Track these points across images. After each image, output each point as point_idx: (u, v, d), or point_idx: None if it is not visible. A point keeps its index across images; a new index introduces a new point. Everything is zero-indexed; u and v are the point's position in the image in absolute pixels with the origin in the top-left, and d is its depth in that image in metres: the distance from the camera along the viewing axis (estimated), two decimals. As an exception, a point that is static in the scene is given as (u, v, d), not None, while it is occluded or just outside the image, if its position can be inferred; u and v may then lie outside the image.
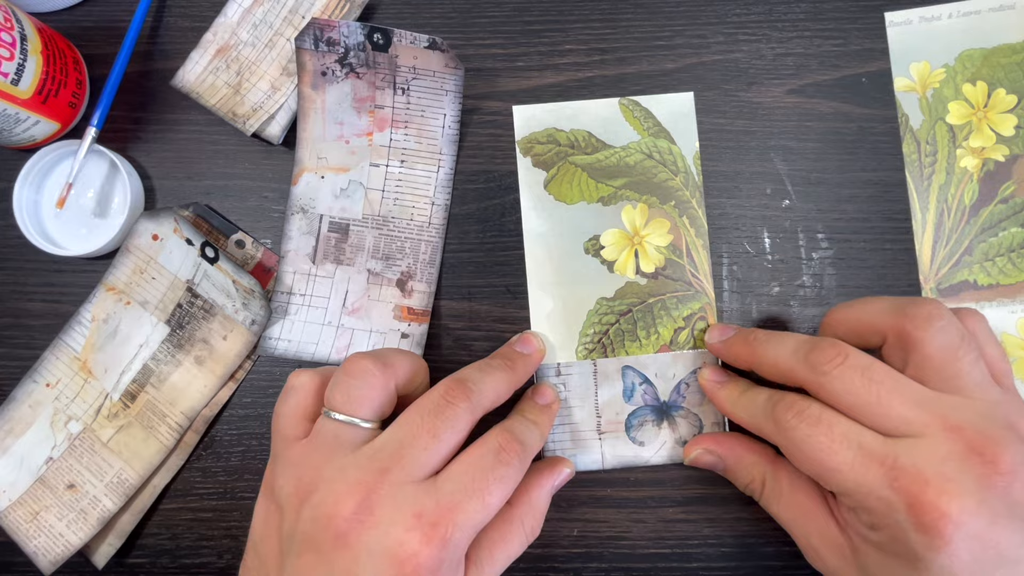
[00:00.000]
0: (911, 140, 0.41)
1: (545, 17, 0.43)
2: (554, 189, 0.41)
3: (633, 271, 0.41)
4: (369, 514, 0.27)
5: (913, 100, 0.42)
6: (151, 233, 0.40)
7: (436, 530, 0.27)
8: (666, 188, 0.41)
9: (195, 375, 0.40)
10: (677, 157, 0.41)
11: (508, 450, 0.31)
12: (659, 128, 0.42)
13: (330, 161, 0.41)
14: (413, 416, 0.30)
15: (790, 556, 0.41)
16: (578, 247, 0.41)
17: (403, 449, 0.29)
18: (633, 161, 0.41)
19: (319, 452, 0.30)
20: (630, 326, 0.41)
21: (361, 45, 0.39)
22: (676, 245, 0.41)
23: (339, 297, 0.41)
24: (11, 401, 0.40)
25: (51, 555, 0.38)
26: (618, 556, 0.41)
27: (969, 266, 0.41)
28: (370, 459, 0.29)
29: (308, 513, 0.28)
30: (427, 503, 0.28)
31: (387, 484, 0.28)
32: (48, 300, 0.42)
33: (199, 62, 0.41)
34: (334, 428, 0.31)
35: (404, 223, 0.41)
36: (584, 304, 0.41)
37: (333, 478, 0.29)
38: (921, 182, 0.41)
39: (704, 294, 0.41)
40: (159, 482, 0.40)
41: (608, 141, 0.42)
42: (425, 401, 0.31)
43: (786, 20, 0.43)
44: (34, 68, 0.38)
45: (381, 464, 0.29)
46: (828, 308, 0.42)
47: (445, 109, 0.41)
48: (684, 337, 0.41)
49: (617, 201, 0.41)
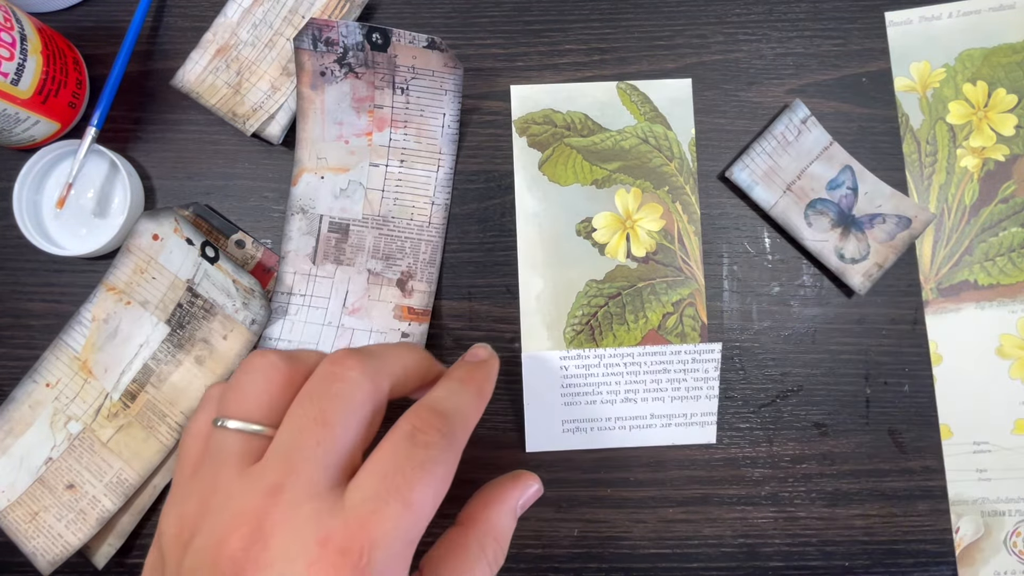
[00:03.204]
0: (911, 140, 0.41)
1: (545, 17, 0.43)
2: (549, 170, 0.42)
3: (624, 255, 0.41)
4: (263, 549, 0.21)
5: (913, 100, 0.42)
6: (151, 233, 0.40)
7: (347, 558, 0.21)
8: (660, 173, 0.41)
9: (195, 375, 0.40)
10: (672, 143, 0.42)
11: (425, 429, 0.23)
12: (656, 113, 0.42)
13: (330, 161, 0.41)
14: (296, 408, 0.24)
15: (790, 556, 0.41)
16: (570, 229, 0.41)
17: (292, 453, 0.22)
18: (628, 145, 0.41)
19: (206, 479, 0.23)
20: (619, 309, 0.41)
21: (360, 45, 0.38)
22: (668, 231, 0.41)
23: (339, 297, 0.41)
24: (11, 401, 0.40)
25: (49, 555, 0.38)
26: (618, 556, 0.40)
27: (969, 266, 0.41)
28: (259, 477, 0.22)
29: (189, 561, 0.22)
30: (332, 524, 0.21)
31: (281, 505, 0.21)
32: (48, 300, 0.42)
33: (199, 62, 0.41)
34: (226, 442, 0.24)
35: (404, 223, 0.41)
36: (574, 286, 0.41)
37: (219, 509, 0.22)
38: (921, 182, 0.41)
39: (694, 280, 0.41)
40: (159, 482, 0.40)
41: (604, 124, 0.42)
42: (308, 385, 0.24)
43: (786, 20, 0.43)
44: (34, 68, 0.38)
45: (271, 480, 0.22)
46: (828, 308, 0.42)
47: (444, 109, 0.41)
48: (672, 322, 0.41)
49: (611, 184, 0.41)
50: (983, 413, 0.41)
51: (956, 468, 0.41)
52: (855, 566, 0.41)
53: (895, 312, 0.42)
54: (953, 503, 0.41)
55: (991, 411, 0.41)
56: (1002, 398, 0.41)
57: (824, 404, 0.41)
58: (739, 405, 0.41)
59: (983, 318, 0.41)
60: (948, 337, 0.41)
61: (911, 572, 0.41)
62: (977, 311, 0.41)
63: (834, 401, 0.41)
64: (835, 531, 0.41)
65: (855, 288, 0.40)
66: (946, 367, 0.41)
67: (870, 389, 0.41)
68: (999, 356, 0.41)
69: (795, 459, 0.41)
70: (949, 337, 0.41)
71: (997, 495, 0.40)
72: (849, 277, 0.40)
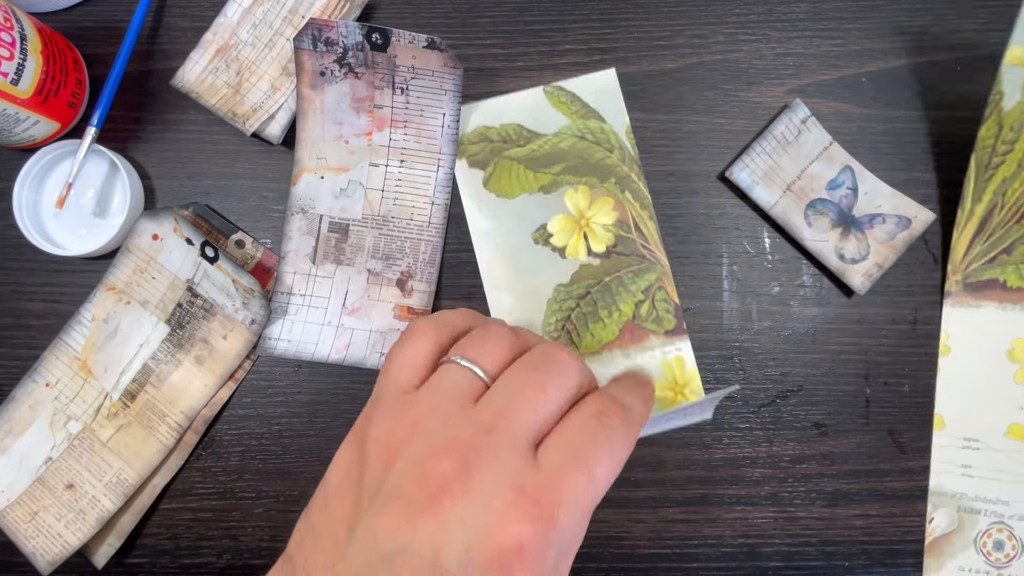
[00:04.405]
0: (994, 122, 0.39)
1: (545, 17, 0.43)
2: (494, 186, 0.42)
3: (585, 253, 0.41)
4: (468, 478, 0.24)
5: (1018, 76, 0.38)
6: (151, 233, 0.40)
7: (539, 508, 0.23)
8: (604, 167, 0.41)
9: (195, 375, 0.40)
10: (610, 134, 0.42)
11: (609, 413, 0.26)
12: (587, 109, 0.42)
13: (329, 161, 0.41)
14: (518, 371, 0.27)
15: (790, 556, 0.41)
16: (527, 239, 0.41)
17: (508, 406, 0.26)
18: (567, 146, 0.41)
19: (426, 402, 0.27)
20: (591, 308, 0.41)
21: (360, 45, 0.38)
22: (623, 221, 0.41)
23: (339, 297, 0.41)
24: (11, 401, 0.40)
25: (49, 555, 0.38)
26: (618, 556, 0.40)
27: (1004, 265, 0.41)
28: (475, 415, 0.25)
29: (399, 468, 0.25)
30: (528, 475, 0.24)
31: (491, 444, 0.24)
32: (48, 300, 0.42)
33: (199, 62, 0.41)
34: (454, 376, 0.27)
35: (404, 223, 0.41)
36: (542, 294, 0.41)
37: (433, 431, 0.25)
38: (984, 171, 0.40)
39: (659, 264, 0.41)
40: (159, 482, 0.40)
41: (539, 130, 0.42)
42: (529, 357, 0.28)
43: (786, 20, 0.43)
44: (34, 68, 0.38)
45: (486, 420, 0.25)
46: (828, 308, 0.42)
47: (444, 108, 0.41)
48: (646, 309, 0.41)
49: (558, 188, 0.41)
50: (980, 411, 0.41)
51: (942, 459, 0.41)
52: (855, 566, 0.41)
53: (895, 312, 0.42)
54: (932, 493, 0.41)
55: (988, 411, 0.41)
56: (1002, 400, 0.41)
57: (824, 404, 0.41)
58: (739, 405, 0.41)
59: (1002, 319, 0.41)
60: (961, 331, 0.41)
61: (911, 572, 0.41)
62: (998, 311, 0.41)
63: (834, 401, 0.41)
64: (835, 531, 0.41)
65: (855, 288, 0.40)
66: (952, 359, 0.41)
67: (870, 389, 0.41)
68: (1009, 359, 0.41)
69: (795, 459, 0.41)
70: (962, 332, 0.41)
71: (976, 493, 0.40)
72: (849, 277, 0.40)
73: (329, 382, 0.41)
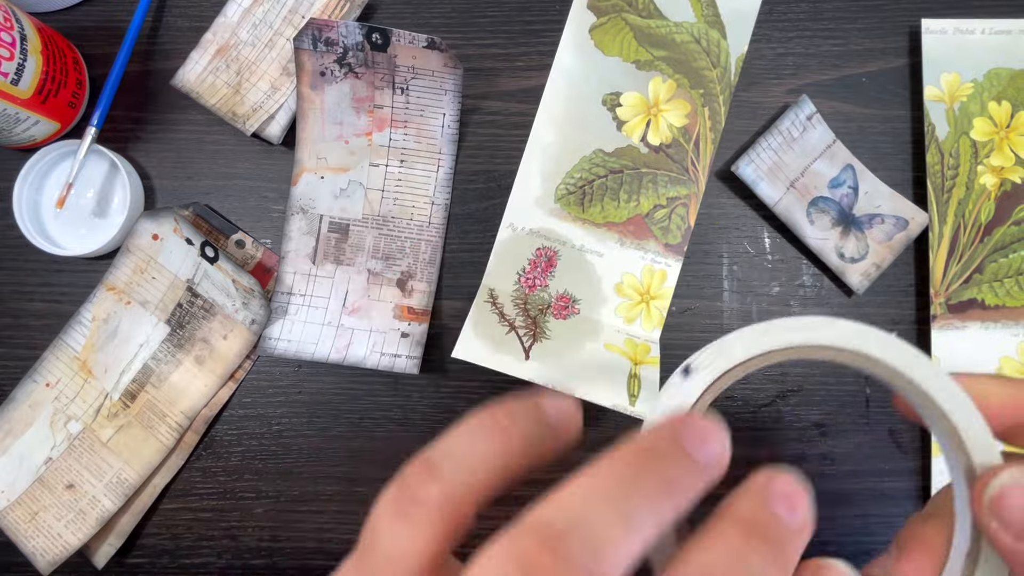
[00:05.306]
0: (935, 151, 0.41)
1: (545, 17, 0.43)
2: (597, 36, 0.42)
3: (639, 138, 0.42)
4: None
5: (940, 110, 0.41)
6: (151, 233, 0.40)
7: None
8: (701, 76, 0.42)
9: (195, 374, 0.40)
10: (723, 52, 0.42)
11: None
12: (716, 19, 0.42)
13: (330, 161, 0.41)
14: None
15: (790, 556, 0.41)
16: (598, 96, 0.42)
17: None
18: (680, 39, 0.42)
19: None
20: (616, 185, 0.41)
21: (360, 45, 0.38)
22: (688, 131, 0.42)
23: (339, 297, 0.41)
24: (11, 401, 0.40)
25: (49, 555, 0.38)
26: (618, 556, 0.40)
27: (979, 284, 0.41)
28: None
29: None
30: None
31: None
32: (48, 300, 0.42)
33: (199, 62, 0.41)
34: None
35: (404, 223, 0.41)
36: (582, 148, 0.42)
37: None
38: (942, 194, 0.41)
39: (695, 184, 0.41)
40: (159, 482, 0.40)
41: (665, 12, 0.42)
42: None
43: (786, 20, 0.43)
44: (34, 68, 0.38)
45: None
46: (828, 308, 0.42)
47: (444, 108, 0.41)
48: (661, 215, 0.41)
49: (650, 69, 0.42)
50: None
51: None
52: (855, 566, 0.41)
53: (895, 312, 0.42)
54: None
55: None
56: None
57: (824, 404, 0.41)
58: (739, 405, 0.41)
59: (987, 339, 0.41)
60: (951, 354, 0.41)
61: (911, 572, 0.41)
62: (982, 331, 0.41)
63: (834, 401, 0.41)
64: (835, 531, 0.41)
65: (853, 287, 0.40)
66: None
67: (870, 389, 0.41)
68: None
69: (795, 459, 0.41)
70: (952, 355, 0.41)
71: None
72: (848, 276, 0.40)
73: (329, 382, 0.41)
